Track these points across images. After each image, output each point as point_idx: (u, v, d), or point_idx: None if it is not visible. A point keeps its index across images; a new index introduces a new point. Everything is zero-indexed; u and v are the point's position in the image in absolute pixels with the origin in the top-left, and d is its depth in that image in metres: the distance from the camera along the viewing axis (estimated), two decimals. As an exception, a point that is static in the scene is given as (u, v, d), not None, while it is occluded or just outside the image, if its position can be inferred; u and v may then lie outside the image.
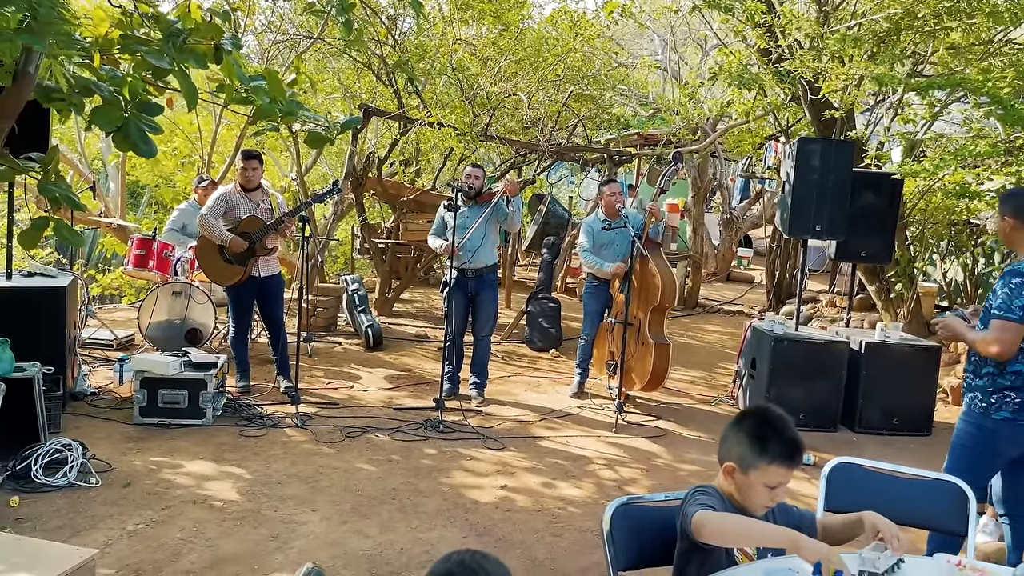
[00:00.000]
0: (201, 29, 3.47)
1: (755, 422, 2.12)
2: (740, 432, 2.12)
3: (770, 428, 2.09)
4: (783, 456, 2.06)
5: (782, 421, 2.10)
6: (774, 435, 2.07)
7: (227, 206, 5.61)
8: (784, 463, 2.06)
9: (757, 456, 2.07)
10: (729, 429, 2.17)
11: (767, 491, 2.08)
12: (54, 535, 3.42)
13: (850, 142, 6.39)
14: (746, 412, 2.21)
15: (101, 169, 13.04)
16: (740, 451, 2.10)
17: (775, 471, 2.06)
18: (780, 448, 2.06)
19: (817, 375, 5.83)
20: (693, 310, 10.76)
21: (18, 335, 4.29)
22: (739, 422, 2.16)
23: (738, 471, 2.10)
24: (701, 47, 14.14)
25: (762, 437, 2.08)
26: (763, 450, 2.06)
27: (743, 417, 2.17)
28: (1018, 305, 3.10)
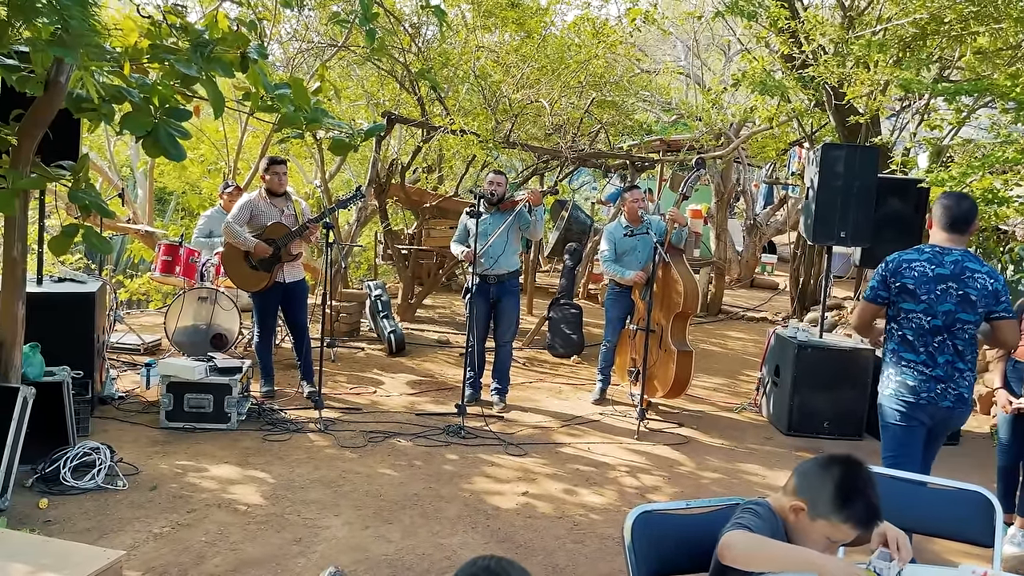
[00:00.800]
0: (228, 38, 3.53)
1: (845, 475, 2.03)
2: (825, 478, 2.04)
3: (858, 489, 2.01)
4: (862, 522, 1.99)
5: (870, 483, 2.02)
6: (860, 498, 1.99)
7: (252, 213, 5.68)
8: (859, 527, 2.00)
9: (835, 511, 2.00)
10: (813, 468, 2.09)
11: (827, 544, 2.03)
12: (82, 537, 3.47)
13: (875, 148, 6.34)
14: (836, 459, 2.10)
15: (129, 176, 13.24)
16: (817, 496, 2.02)
17: (847, 531, 2.00)
18: (862, 513, 1.99)
19: (842, 383, 5.78)
20: (716, 317, 10.70)
21: (48, 339, 4.37)
22: (826, 467, 2.07)
23: (806, 513, 2.04)
24: (724, 52, 14.09)
25: (848, 495, 2.00)
26: (843, 507, 1.99)
27: (832, 463, 2.07)
28: None
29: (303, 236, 5.64)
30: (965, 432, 5.85)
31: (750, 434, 5.80)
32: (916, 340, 3.48)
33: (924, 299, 3.43)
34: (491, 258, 5.83)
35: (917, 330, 3.47)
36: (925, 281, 3.43)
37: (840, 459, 2.07)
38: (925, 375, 3.45)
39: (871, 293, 3.58)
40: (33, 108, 3.56)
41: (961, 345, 3.44)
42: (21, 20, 2.83)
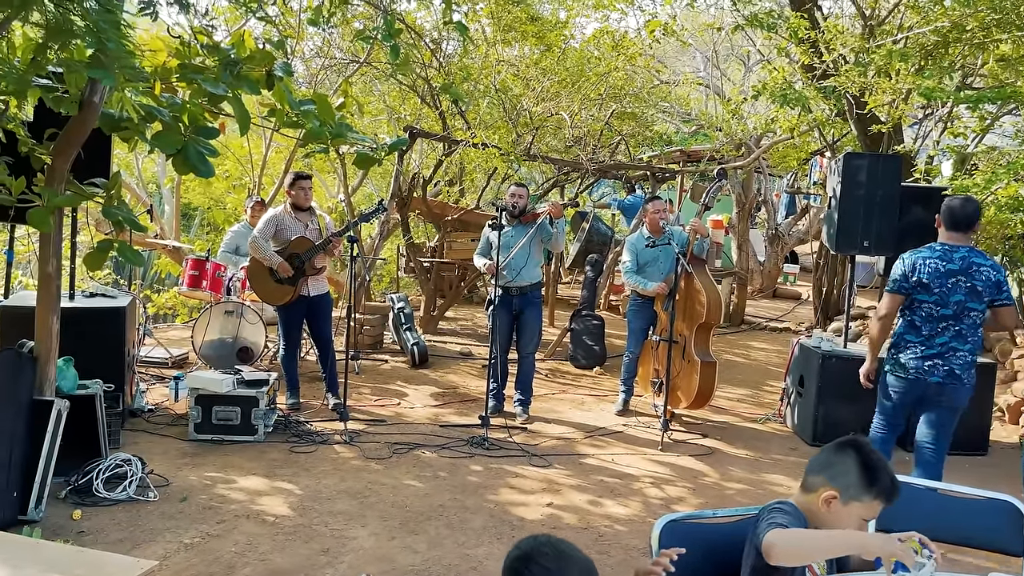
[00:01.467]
0: (255, 57, 3.60)
1: (863, 455, 2.12)
2: (847, 462, 2.11)
3: (879, 465, 2.11)
4: (887, 493, 2.09)
5: (885, 462, 2.14)
6: (883, 473, 2.09)
7: (277, 228, 5.76)
8: (886, 500, 2.09)
9: (865, 490, 2.08)
10: (830, 458, 2.16)
11: (861, 524, 2.10)
12: (114, 547, 3.53)
13: (898, 156, 6.32)
14: (846, 443, 2.18)
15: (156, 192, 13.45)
16: (846, 481, 2.10)
17: (876, 507, 2.09)
18: (888, 486, 2.09)
19: (867, 393, 5.69)
20: (739, 327, 10.66)
21: (81, 353, 4.46)
22: (842, 452, 2.14)
23: (838, 500, 2.10)
24: (744, 63, 14.10)
25: (873, 471, 2.09)
26: (872, 484, 2.08)
27: (845, 447, 2.15)
28: None
29: (327, 250, 5.71)
30: (994, 443, 5.79)
31: (775, 445, 5.78)
32: (923, 325, 4.07)
33: (937, 291, 4.01)
34: (513, 270, 5.86)
35: (926, 317, 4.07)
36: (938, 276, 4.00)
37: (849, 442, 2.17)
38: (919, 354, 4.07)
39: (895, 286, 4.15)
40: (67, 128, 3.66)
41: (965, 330, 4.02)
42: (57, 43, 2.91)
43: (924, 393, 4.12)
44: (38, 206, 3.44)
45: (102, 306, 5.18)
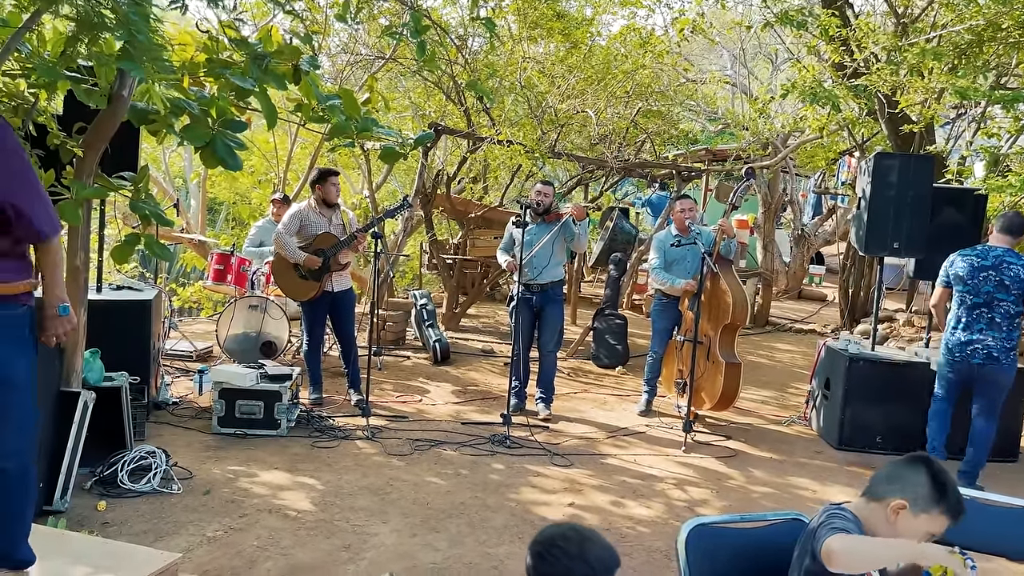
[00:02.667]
0: (283, 51, 3.60)
1: (935, 471, 2.13)
2: (920, 475, 2.12)
3: (950, 483, 2.12)
4: (955, 512, 2.09)
5: (953, 479, 2.15)
6: (952, 489, 2.10)
7: (301, 223, 5.77)
8: (952, 518, 2.09)
9: (935, 504, 2.08)
10: (903, 470, 2.17)
11: (926, 537, 2.09)
12: (138, 539, 3.55)
13: (930, 157, 6.21)
14: (919, 458, 2.19)
15: (183, 187, 13.57)
16: (917, 493, 2.10)
17: (943, 522, 2.09)
18: (956, 504, 2.09)
19: (896, 397, 5.65)
20: (764, 328, 10.56)
21: (107, 346, 4.49)
22: (916, 466, 2.15)
23: (908, 511, 2.10)
24: (772, 61, 13.95)
25: (944, 487, 2.10)
26: (941, 499, 2.08)
27: (918, 462, 2.16)
28: None
29: (351, 246, 5.72)
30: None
31: (800, 448, 5.70)
32: (962, 314, 4.87)
33: (970, 283, 4.84)
34: (536, 268, 5.83)
35: (964, 306, 4.87)
36: (971, 270, 4.85)
37: (921, 458, 2.18)
38: (961, 339, 4.85)
39: (942, 280, 5.07)
40: (97, 121, 3.68)
41: (999, 318, 4.78)
42: (87, 36, 2.92)
43: (970, 373, 4.87)
44: (67, 199, 3.46)
45: (129, 299, 5.22)
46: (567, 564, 1.73)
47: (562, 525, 1.84)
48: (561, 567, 1.73)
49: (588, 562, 1.74)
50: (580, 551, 1.75)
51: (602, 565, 1.74)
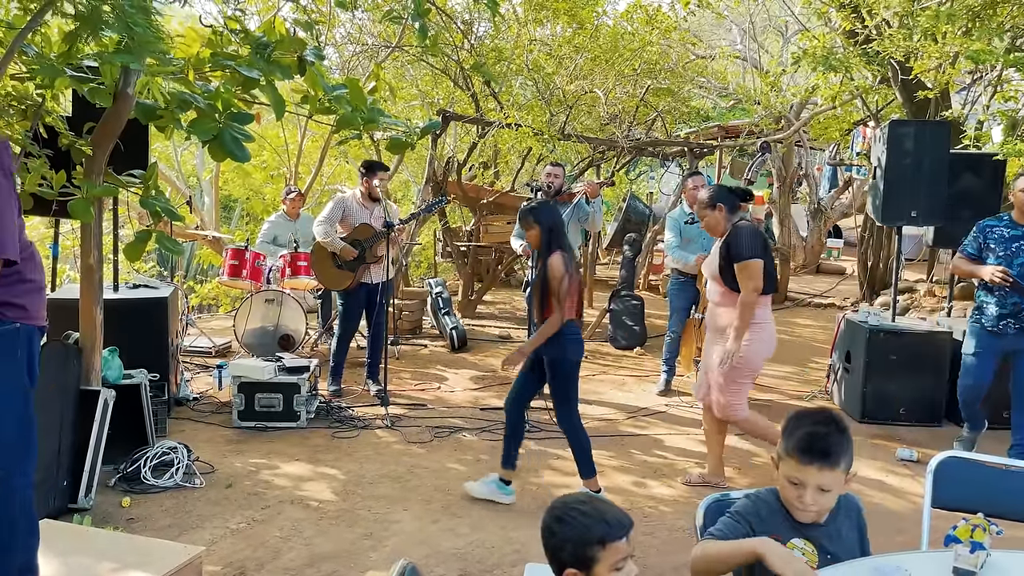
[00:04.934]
0: (286, 42, 3.58)
1: (795, 413, 2.07)
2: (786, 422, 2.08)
3: (800, 419, 2.02)
4: (800, 449, 1.96)
5: (819, 417, 2.01)
6: (799, 425, 2.00)
7: (344, 213, 5.83)
8: (799, 455, 1.96)
9: (784, 442, 2.02)
10: None
11: (791, 488, 2.00)
12: (163, 534, 3.58)
13: (946, 123, 6.10)
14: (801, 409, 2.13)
15: (196, 185, 13.63)
16: (781, 438, 2.05)
17: (793, 465, 1.98)
18: (798, 439, 1.98)
19: (918, 368, 5.58)
20: (782, 304, 10.47)
21: (125, 344, 4.52)
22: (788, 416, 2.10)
23: (777, 462, 2.06)
24: (782, 34, 13.78)
25: (795, 424, 2.02)
26: (788, 436, 2.01)
27: (792, 413, 2.11)
28: None
29: (388, 238, 5.64)
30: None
31: (822, 422, 5.65)
32: (994, 287, 4.53)
33: (1001, 255, 4.56)
34: (550, 251, 5.79)
35: None
36: (1003, 241, 4.58)
37: (806, 408, 2.10)
38: (995, 313, 4.57)
39: (963, 249, 4.78)
40: (104, 119, 3.69)
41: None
42: (89, 33, 2.92)
43: (1006, 346, 4.62)
44: (78, 197, 3.47)
45: (145, 297, 5.25)
46: (585, 523, 1.78)
47: (576, 492, 1.90)
48: (580, 526, 1.78)
49: (606, 521, 1.78)
50: (597, 510, 1.80)
51: (618, 523, 1.79)
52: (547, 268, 3.94)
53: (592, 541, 1.76)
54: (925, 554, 2.13)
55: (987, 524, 1.89)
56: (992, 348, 4.64)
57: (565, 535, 1.79)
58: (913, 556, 1.97)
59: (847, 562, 1.96)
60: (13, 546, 2.55)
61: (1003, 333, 4.57)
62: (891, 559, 1.93)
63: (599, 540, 1.76)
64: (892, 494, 4.40)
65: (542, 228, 3.99)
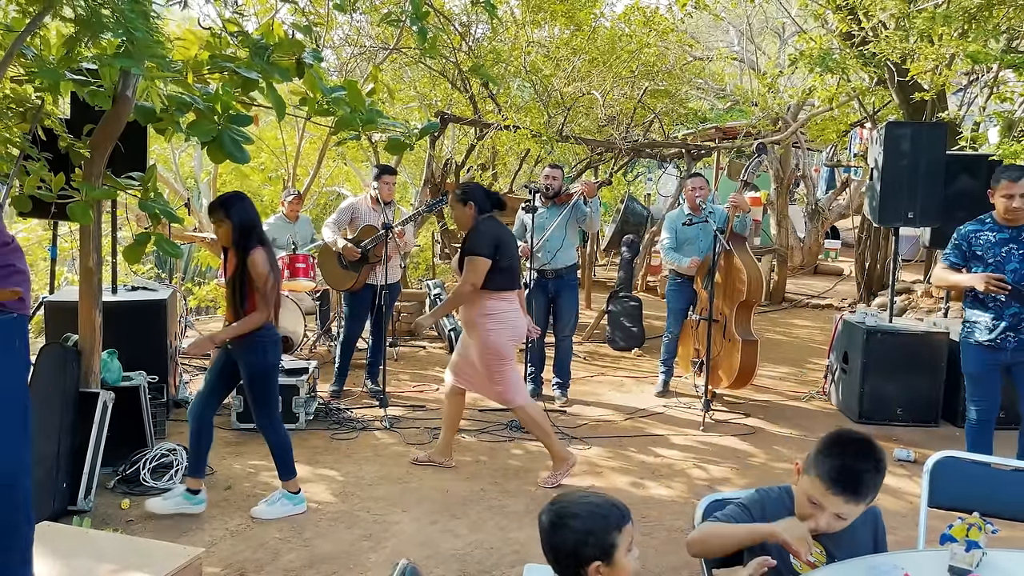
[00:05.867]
0: (284, 44, 3.59)
1: (836, 435, 2.06)
2: (823, 439, 2.07)
3: (841, 447, 2.00)
4: (830, 478, 1.95)
5: (861, 449, 1.99)
6: (838, 453, 1.98)
7: (353, 215, 5.91)
8: (827, 484, 1.95)
9: (813, 464, 2.01)
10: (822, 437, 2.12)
11: (808, 505, 2.00)
12: (162, 535, 3.58)
13: (942, 124, 6.13)
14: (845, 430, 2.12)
15: (194, 187, 13.62)
16: (812, 452, 2.05)
17: (820, 488, 1.97)
18: (834, 469, 1.96)
19: (915, 368, 5.60)
20: (780, 305, 10.50)
21: (124, 346, 4.53)
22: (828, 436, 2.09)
23: (802, 471, 2.06)
24: (779, 35, 13.80)
25: (828, 449, 2.01)
26: (820, 461, 1.99)
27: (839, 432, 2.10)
28: None
29: (389, 239, 5.61)
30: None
31: (820, 422, 5.67)
32: (986, 297, 4.00)
33: (991, 261, 3.99)
34: (549, 252, 5.82)
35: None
36: (990, 246, 4.01)
37: (848, 431, 2.09)
38: (990, 326, 4.01)
39: (945, 258, 4.20)
40: (103, 122, 3.69)
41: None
42: (88, 36, 2.93)
43: (1006, 360, 4.04)
44: (77, 200, 3.47)
45: (144, 299, 5.25)
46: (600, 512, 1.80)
47: (568, 494, 1.90)
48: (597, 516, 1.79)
49: (615, 506, 1.82)
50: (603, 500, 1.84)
51: (624, 506, 1.83)
52: (247, 265, 3.73)
53: (612, 528, 1.78)
54: (921, 553, 2.15)
55: (983, 523, 1.90)
56: (993, 364, 4.08)
57: (586, 529, 1.78)
58: (909, 555, 1.98)
59: (844, 561, 1.97)
60: (16, 544, 2.56)
61: (1002, 347, 4.00)
62: (887, 558, 1.95)
63: (616, 525, 1.79)
64: (889, 494, 4.41)
65: (233, 225, 3.75)
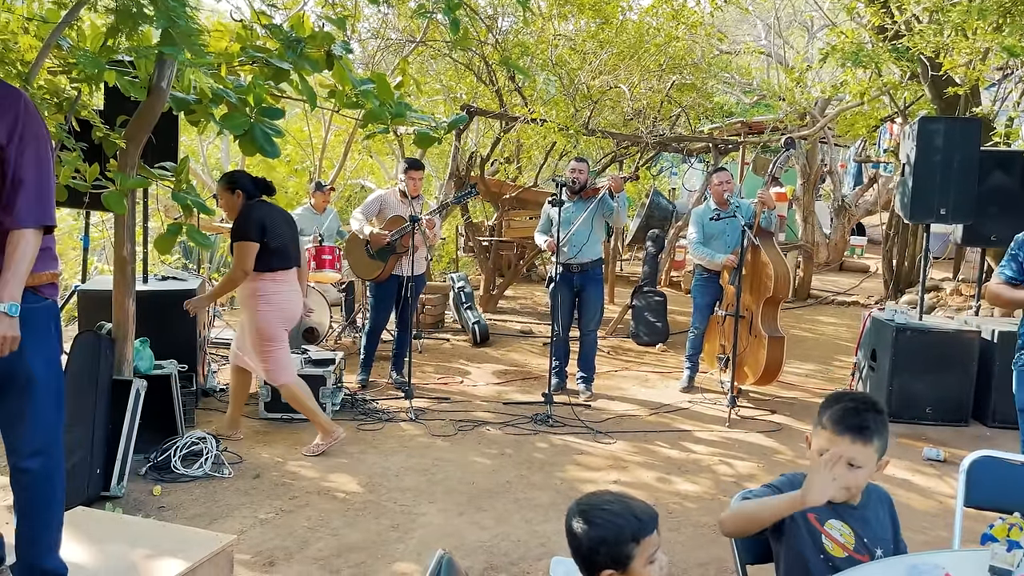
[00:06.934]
0: (315, 37, 3.61)
1: (834, 393, 2.09)
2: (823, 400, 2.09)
3: (838, 397, 2.04)
4: (832, 419, 1.98)
5: (856, 397, 2.04)
6: (837, 400, 2.02)
7: (381, 207, 5.96)
8: (832, 426, 1.98)
9: (818, 421, 2.03)
10: None
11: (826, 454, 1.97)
12: (193, 522, 3.63)
13: (976, 119, 6.03)
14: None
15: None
16: (817, 416, 2.06)
17: (828, 435, 1.99)
18: (835, 412, 1.99)
19: (945, 367, 5.54)
20: (805, 302, 10.41)
21: (154, 335, 4.58)
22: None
23: (812, 435, 2.06)
24: (807, 29, 13.66)
25: (829, 402, 2.04)
26: (825, 409, 2.02)
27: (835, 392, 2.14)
28: None
29: (417, 230, 5.59)
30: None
31: (847, 421, 5.62)
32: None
33: None
34: (575, 247, 5.80)
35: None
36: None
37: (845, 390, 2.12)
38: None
39: (1001, 272, 3.41)
40: (138, 112, 3.73)
41: None
42: (128, 27, 2.96)
43: None
44: (112, 190, 3.51)
45: (174, 289, 5.31)
46: (617, 523, 1.77)
47: (595, 495, 1.88)
48: (612, 526, 1.76)
49: (636, 516, 1.78)
50: (625, 508, 1.80)
51: (648, 517, 1.80)
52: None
53: (626, 539, 1.75)
54: (961, 553, 2.12)
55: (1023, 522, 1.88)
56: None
57: (598, 537, 1.76)
58: (949, 555, 1.96)
59: (882, 560, 1.96)
60: (53, 521, 2.65)
61: None
62: (927, 558, 1.93)
63: (632, 537, 1.75)
64: (919, 493, 4.37)
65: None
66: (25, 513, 2.56)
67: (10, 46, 3.61)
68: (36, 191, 2.37)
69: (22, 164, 2.34)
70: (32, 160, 2.36)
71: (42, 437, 2.54)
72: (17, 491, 2.56)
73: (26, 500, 2.56)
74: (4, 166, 2.32)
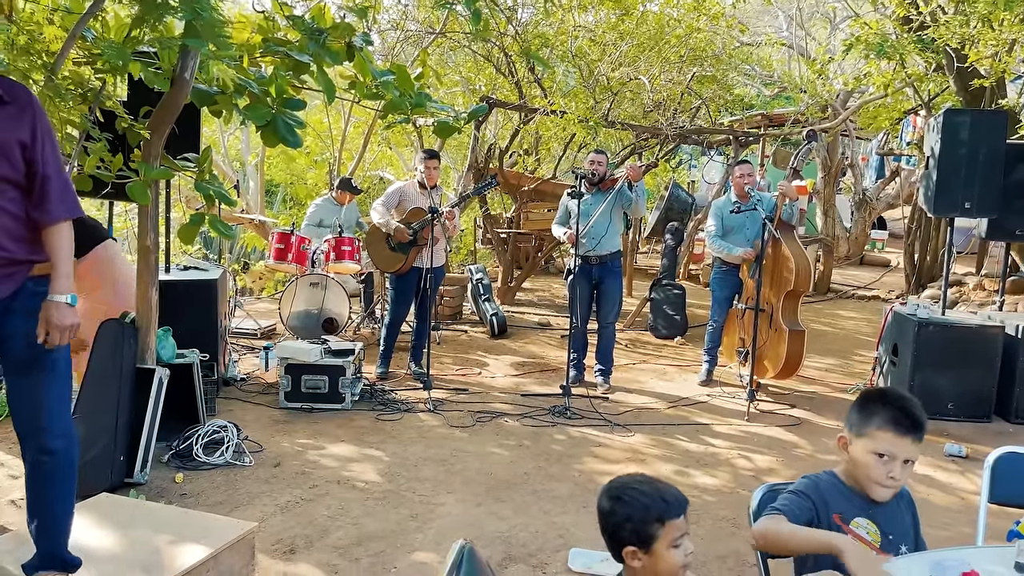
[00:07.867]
0: (337, 27, 3.62)
1: (872, 393, 2.07)
2: (857, 402, 2.07)
3: (884, 397, 2.02)
4: (891, 421, 1.95)
5: (901, 395, 2.03)
6: (887, 402, 1.99)
7: (400, 199, 5.97)
8: (892, 428, 1.95)
9: (866, 421, 1.99)
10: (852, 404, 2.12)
11: (877, 461, 1.97)
12: (215, 509, 3.66)
13: (1002, 112, 5.95)
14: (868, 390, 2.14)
15: (241, 169, 13.82)
16: (853, 418, 2.03)
17: (884, 436, 1.95)
18: (891, 413, 1.96)
19: (968, 362, 5.48)
20: (825, 295, 10.34)
21: (176, 324, 4.61)
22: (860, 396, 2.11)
23: (850, 441, 2.03)
24: (830, 21, 13.52)
25: (872, 400, 2.02)
26: (872, 414, 1.99)
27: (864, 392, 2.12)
28: None
29: (437, 222, 5.64)
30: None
31: (867, 415, 5.58)
32: None
33: None
34: (594, 239, 5.79)
35: None
36: None
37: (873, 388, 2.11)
38: None
39: None
40: (162, 103, 3.76)
41: None
42: (152, 18, 2.98)
43: None
44: (136, 180, 3.55)
45: (195, 279, 5.35)
46: (644, 502, 1.82)
47: (625, 476, 1.94)
48: (639, 505, 1.82)
49: (664, 499, 1.83)
50: (655, 489, 1.85)
51: (676, 501, 1.84)
52: None
53: (651, 519, 1.80)
54: (986, 549, 2.10)
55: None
56: None
57: (625, 514, 1.83)
58: (975, 551, 1.95)
59: (908, 555, 1.94)
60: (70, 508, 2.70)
61: None
62: (953, 554, 1.91)
63: (658, 518, 1.81)
64: (940, 489, 4.34)
65: None
66: (47, 501, 2.60)
67: (35, 37, 3.64)
68: (60, 185, 2.46)
69: (46, 160, 2.42)
70: (52, 155, 2.45)
71: (66, 419, 2.62)
72: (39, 478, 2.59)
73: (52, 485, 2.59)
74: (33, 166, 2.38)
